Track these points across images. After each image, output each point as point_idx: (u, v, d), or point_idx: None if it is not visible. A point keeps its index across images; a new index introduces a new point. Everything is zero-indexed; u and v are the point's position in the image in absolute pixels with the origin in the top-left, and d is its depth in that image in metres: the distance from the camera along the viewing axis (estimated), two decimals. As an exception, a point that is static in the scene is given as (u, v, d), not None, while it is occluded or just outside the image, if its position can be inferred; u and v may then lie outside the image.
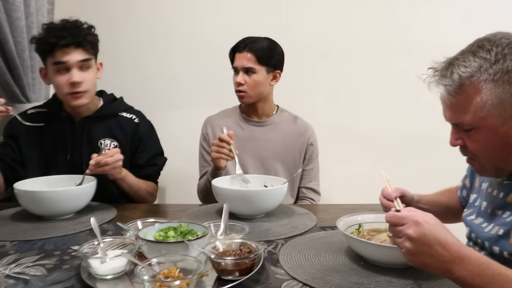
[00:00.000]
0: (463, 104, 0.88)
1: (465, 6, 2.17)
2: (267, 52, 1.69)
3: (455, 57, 0.90)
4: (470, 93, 0.86)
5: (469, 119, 0.88)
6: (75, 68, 1.46)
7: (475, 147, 0.91)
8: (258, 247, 0.92)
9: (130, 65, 2.34)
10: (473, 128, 0.89)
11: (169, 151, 1.78)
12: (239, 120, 1.80)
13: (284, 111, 1.85)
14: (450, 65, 0.89)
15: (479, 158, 0.93)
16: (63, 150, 1.56)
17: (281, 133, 1.78)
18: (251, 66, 1.68)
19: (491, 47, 0.86)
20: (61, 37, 1.43)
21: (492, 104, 0.85)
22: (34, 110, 1.62)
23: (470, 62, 0.86)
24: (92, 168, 1.34)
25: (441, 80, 0.90)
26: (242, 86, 1.69)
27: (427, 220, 0.78)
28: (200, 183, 1.76)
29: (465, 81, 0.86)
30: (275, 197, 1.34)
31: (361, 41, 2.24)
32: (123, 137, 1.61)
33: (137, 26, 2.31)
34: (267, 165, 1.74)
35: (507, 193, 0.97)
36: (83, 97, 1.50)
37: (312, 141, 1.82)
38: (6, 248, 1.08)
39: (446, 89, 0.89)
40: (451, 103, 0.90)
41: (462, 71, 0.86)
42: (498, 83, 0.84)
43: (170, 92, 2.36)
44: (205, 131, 1.83)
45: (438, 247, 0.75)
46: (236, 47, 1.71)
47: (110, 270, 0.88)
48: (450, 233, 0.78)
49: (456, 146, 0.96)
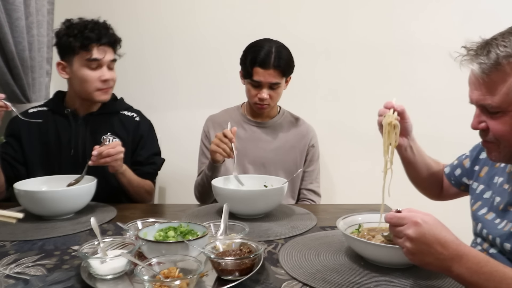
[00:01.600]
0: (496, 84, 0.85)
1: (466, 6, 2.16)
2: (288, 64, 1.68)
3: (493, 37, 0.88)
4: (506, 73, 0.84)
5: (500, 101, 0.86)
6: (105, 66, 1.55)
7: (499, 131, 0.89)
8: (258, 247, 0.92)
9: (130, 66, 2.34)
10: (500, 111, 0.87)
11: (169, 151, 1.78)
12: (242, 121, 1.80)
13: (286, 112, 1.86)
14: (487, 44, 0.87)
15: (499, 142, 0.91)
16: (67, 145, 1.59)
17: (283, 135, 1.79)
18: (278, 82, 1.66)
19: None
20: (100, 35, 1.51)
21: None
22: (35, 109, 1.65)
23: (510, 42, 0.84)
24: (94, 159, 1.36)
25: (476, 58, 0.87)
26: (266, 100, 1.68)
27: (426, 220, 0.79)
28: (197, 179, 1.75)
29: (502, 61, 0.84)
30: (275, 197, 1.34)
31: (361, 41, 2.24)
32: (125, 134, 1.65)
33: (137, 27, 2.31)
34: (268, 166, 1.74)
35: None
36: (108, 93, 1.59)
37: (314, 143, 1.83)
38: (6, 248, 1.08)
39: (481, 66, 0.86)
40: (484, 81, 0.87)
41: (501, 50, 0.84)
42: None
43: (170, 92, 2.36)
44: (206, 129, 1.83)
45: (438, 246, 0.77)
46: (261, 62, 1.63)
47: (110, 270, 0.88)
48: (449, 231, 0.79)
49: (477, 130, 0.94)
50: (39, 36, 2.05)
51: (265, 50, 1.64)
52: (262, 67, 1.63)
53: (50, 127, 1.60)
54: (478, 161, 1.17)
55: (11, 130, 1.61)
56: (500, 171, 1.06)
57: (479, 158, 1.17)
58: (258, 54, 1.64)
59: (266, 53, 1.63)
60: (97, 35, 1.50)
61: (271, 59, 1.63)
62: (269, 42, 1.68)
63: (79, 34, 1.49)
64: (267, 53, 1.63)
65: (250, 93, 1.70)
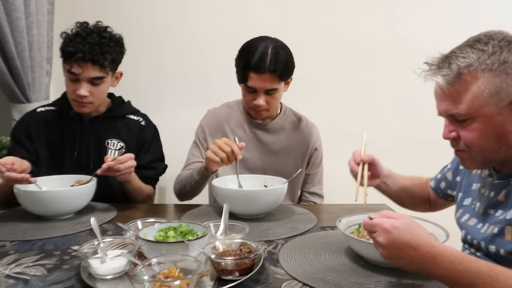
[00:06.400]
0: (461, 93, 0.90)
1: (466, 6, 2.17)
2: (287, 66, 1.53)
3: (452, 51, 0.93)
4: (468, 81, 0.88)
5: (466, 108, 0.89)
6: (85, 82, 1.48)
7: (470, 138, 0.92)
8: (258, 247, 0.92)
9: (129, 66, 2.34)
10: (468, 119, 0.91)
11: (169, 151, 1.77)
12: (242, 120, 1.70)
13: (288, 111, 1.75)
14: (447, 57, 0.92)
15: (470, 149, 0.94)
16: (71, 147, 1.59)
17: (284, 138, 1.70)
18: (274, 87, 1.53)
19: (487, 40, 0.89)
20: (79, 50, 1.43)
21: (490, 93, 0.87)
22: (43, 109, 1.65)
23: (468, 53, 0.89)
24: (103, 171, 1.35)
25: (439, 71, 0.92)
26: (263, 107, 1.57)
27: (396, 226, 0.80)
28: (181, 174, 1.62)
29: (463, 70, 0.88)
30: (275, 197, 1.34)
31: (361, 41, 2.24)
32: (130, 138, 1.64)
33: (137, 27, 2.31)
34: (268, 169, 1.66)
35: (498, 191, 0.98)
36: (86, 107, 1.54)
37: (317, 146, 1.74)
38: (6, 248, 1.08)
39: (444, 78, 0.90)
40: (449, 92, 0.91)
41: (460, 61, 0.89)
42: (496, 73, 0.87)
43: (170, 92, 2.36)
44: (204, 123, 1.72)
45: (409, 250, 0.78)
46: (255, 67, 1.48)
47: (110, 270, 0.88)
48: (421, 233, 0.80)
49: (448, 139, 0.98)
50: (39, 36, 2.06)
51: (260, 52, 1.48)
52: (256, 71, 1.48)
53: (56, 128, 1.60)
54: (458, 172, 1.20)
55: (21, 130, 1.60)
56: (477, 178, 1.09)
57: (459, 169, 1.20)
58: (251, 57, 1.48)
59: (260, 55, 1.48)
60: (76, 49, 1.43)
61: (266, 63, 1.47)
62: (265, 42, 1.52)
63: (62, 44, 1.48)
64: (261, 55, 1.48)
65: (246, 98, 1.60)
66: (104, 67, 1.48)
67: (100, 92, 1.53)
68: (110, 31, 1.54)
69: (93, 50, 1.44)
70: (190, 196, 1.59)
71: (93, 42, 1.46)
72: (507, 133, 0.90)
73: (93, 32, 1.48)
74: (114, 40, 1.53)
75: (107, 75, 1.52)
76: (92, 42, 1.46)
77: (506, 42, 0.88)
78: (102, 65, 1.47)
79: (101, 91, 1.54)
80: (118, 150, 1.61)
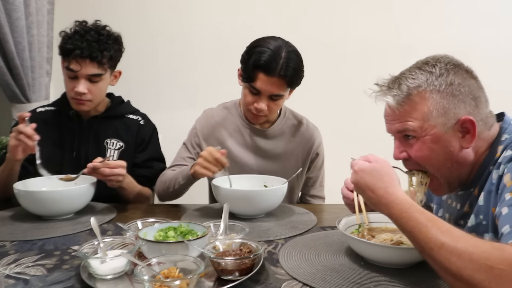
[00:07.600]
0: (410, 112, 0.94)
1: (466, 7, 2.17)
2: (297, 73, 1.46)
3: (401, 72, 0.98)
4: (417, 102, 0.94)
5: (415, 127, 0.94)
6: (83, 79, 1.49)
7: (419, 156, 0.96)
8: (258, 247, 0.92)
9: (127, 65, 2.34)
10: (417, 137, 0.95)
11: (169, 151, 1.77)
12: (240, 124, 1.63)
13: (288, 113, 1.68)
14: (397, 78, 0.97)
15: (434, 176, 0.98)
16: (70, 147, 1.59)
17: (284, 143, 1.64)
18: (281, 94, 1.46)
19: (435, 63, 0.95)
20: (78, 47, 1.44)
21: (438, 113, 0.92)
22: (43, 109, 1.65)
23: (417, 75, 0.95)
24: (89, 170, 1.34)
25: (389, 92, 0.96)
26: (263, 112, 1.50)
27: (363, 168, 0.91)
28: (165, 174, 1.56)
29: (412, 91, 0.94)
30: (275, 197, 1.34)
31: (362, 41, 2.24)
32: (129, 138, 1.64)
33: (137, 27, 2.31)
34: (267, 174, 1.57)
35: (463, 203, 1.02)
36: (85, 105, 1.54)
37: (318, 151, 1.69)
38: (6, 248, 1.07)
39: (394, 98, 0.95)
40: (399, 112, 0.96)
41: (410, 82, 0.94)
42: (443, 94, 0.92)
43: (170, 92, 2.36)
44: (199, 127, 1.65)
45: (368, 191, 0.90)
46: (265, 67, 1.40)
47: (110, 270, 0.88)
48: (384, 179, 0.88)
49: (400, 160, 1.02)
50: (39, 36, 2.06)
51: (273, 53, 1.40)
52: (266, 73, 1.41)
53: (55, 128, 1.60)
54: None
55: None
56: None
57: None
58: (263, 56, 1.40)
59: (273, 56, 1.40)
60: (74, 46, 1.43)
61: (278, 66, 1.39)
62: (279, 43, 1.44)
63: (62, 42, 1.48)
64: (274, 57, 1.40)
65: (247, 99, 1.50)
66: (102, 64, 1.49)
67: (99, 89, 1.53)
68: (109, 29, 1.55)
69: (91, 47, 1.45)
70: (173, 198, 1.56)
71: (91, 39, 1.46)
72: (454, 151, 0.94)
73: (92, 29, 1.49)
74: (113, 38, 1.53)
75: (106, 73, 1.52)
76: (90, 39, 1.46)
77: (452, 65, 0.94)
78: (100, 62, 1.48)
79: (99, 89, 1.53)
80: (118, 150, 1.61)
